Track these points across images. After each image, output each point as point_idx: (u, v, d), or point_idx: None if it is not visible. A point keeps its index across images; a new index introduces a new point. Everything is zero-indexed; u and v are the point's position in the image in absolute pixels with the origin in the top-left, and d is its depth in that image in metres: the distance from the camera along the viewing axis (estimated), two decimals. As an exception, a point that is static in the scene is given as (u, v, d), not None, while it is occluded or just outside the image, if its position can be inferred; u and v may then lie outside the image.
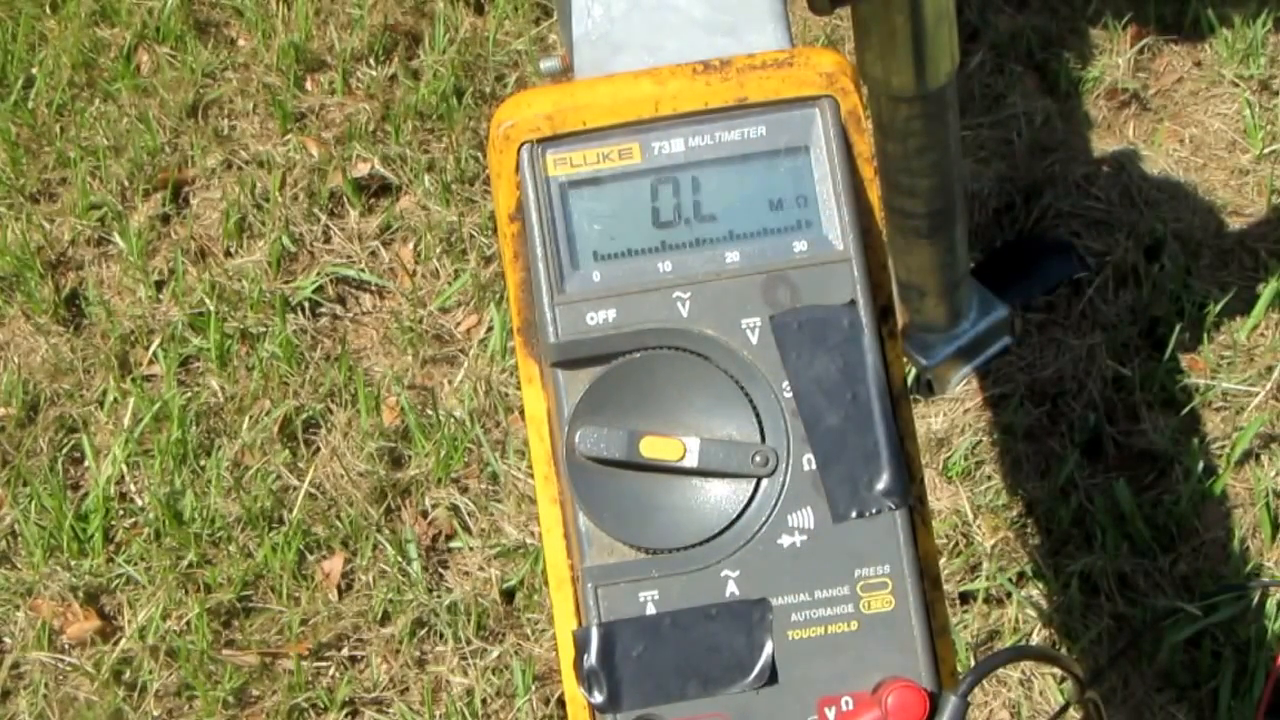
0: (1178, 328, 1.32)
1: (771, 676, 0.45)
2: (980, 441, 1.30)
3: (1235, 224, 1.42)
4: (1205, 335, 1.33)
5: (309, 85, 1.64)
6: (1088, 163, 1.47)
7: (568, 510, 0.46)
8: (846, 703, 0.45)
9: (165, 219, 1.56)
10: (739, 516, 0.46)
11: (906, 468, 0.46)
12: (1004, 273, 1.36)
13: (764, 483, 0.46)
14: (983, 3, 1.59)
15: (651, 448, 0.46)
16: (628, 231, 0.48)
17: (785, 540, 0.46)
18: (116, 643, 1.27)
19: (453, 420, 1.36)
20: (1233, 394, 1.30)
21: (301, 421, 1.38)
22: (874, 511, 0.45)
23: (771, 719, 0.44)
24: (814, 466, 0.46)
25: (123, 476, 1.37)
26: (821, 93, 0.49)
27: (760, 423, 0.46)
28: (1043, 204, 1.43)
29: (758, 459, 0.46)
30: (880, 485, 0.45)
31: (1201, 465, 1.26)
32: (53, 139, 1.62)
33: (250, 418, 1.39)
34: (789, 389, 0.46)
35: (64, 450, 1.40)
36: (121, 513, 1.35)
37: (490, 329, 1.42)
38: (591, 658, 0.45)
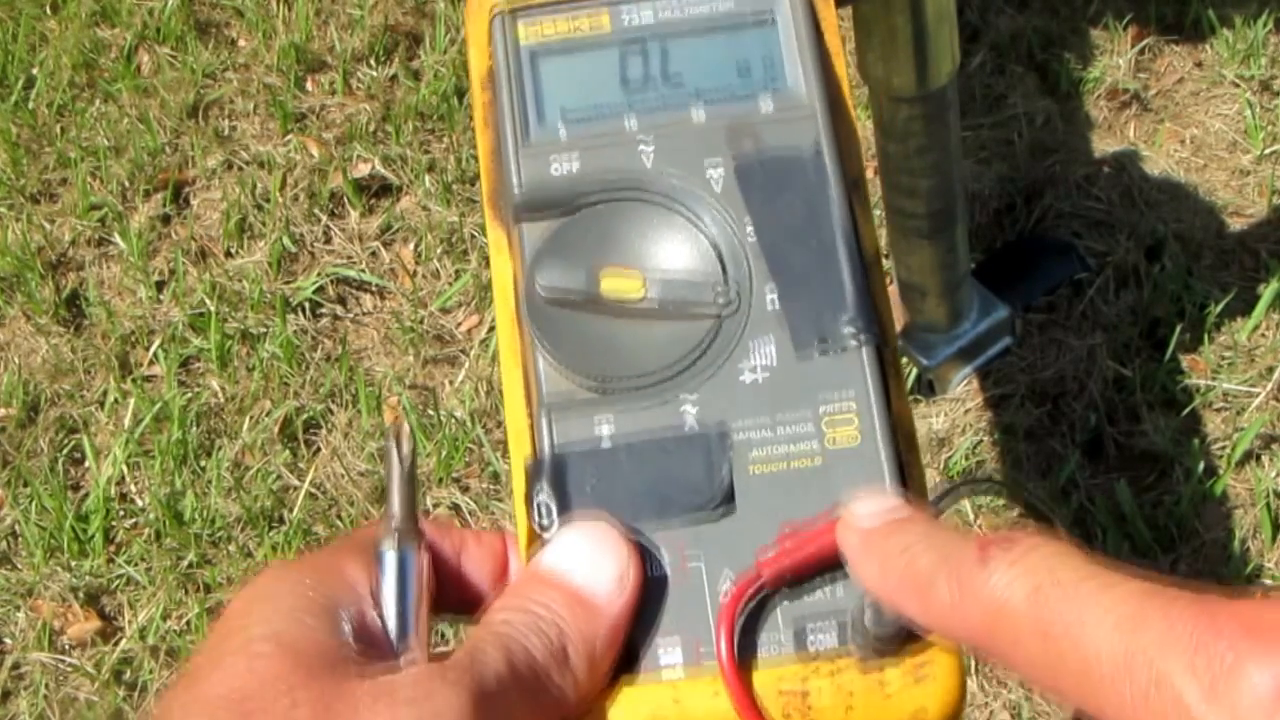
0: (1178, 328, 1.32)
1: (731, 504, 0.44)
2: (981, 441, 1.30)
3: (1236, 224, 1.42)
4: (1206, 336, 1.33)
5: (309, 86, 1.64)
6: (1088, 163, 1.47)
7: (528, 359, 0.47)
8: (810, 526, 0.43)
9: (166, 219, 1.56)
10: (701, 353, 0.46)
11: (875, 310, 0.45)
12: (1005, 273, 1.36)
13: (726, 320, 0.46)
14: (983, 3, 1.59)
15: (612, 283, 0.46)
16: (595, 93, 0.49)
17: (747, 376, 0.45)
18: (117, 643, 1.27)
19: (454, 420, 1.36)
20: (1233, 394, 1.30)
21: (302, 422, 1.38)
22: (839, 348, 0.45)
23: (731, 545, 0.44)
24: (778, 304, 0.46)
25: (123, 477, 1.37)
26: None
27: (723, 262, 0.46)
28: (1043, 204, 1.43)
29: (720, 297, 0.46)
30: (844, 319, 0.45)
31: (1202, 466, 1.26)
32: (53, 139, 1.62)
33: (251, 418, 1.39)
34: (752, 232, 0.46)
35: (64, 451, 1.40)
36: (122, 513, 1.35)
37: (491, 329, 1.42)
38: (543, 489, 0.44)
